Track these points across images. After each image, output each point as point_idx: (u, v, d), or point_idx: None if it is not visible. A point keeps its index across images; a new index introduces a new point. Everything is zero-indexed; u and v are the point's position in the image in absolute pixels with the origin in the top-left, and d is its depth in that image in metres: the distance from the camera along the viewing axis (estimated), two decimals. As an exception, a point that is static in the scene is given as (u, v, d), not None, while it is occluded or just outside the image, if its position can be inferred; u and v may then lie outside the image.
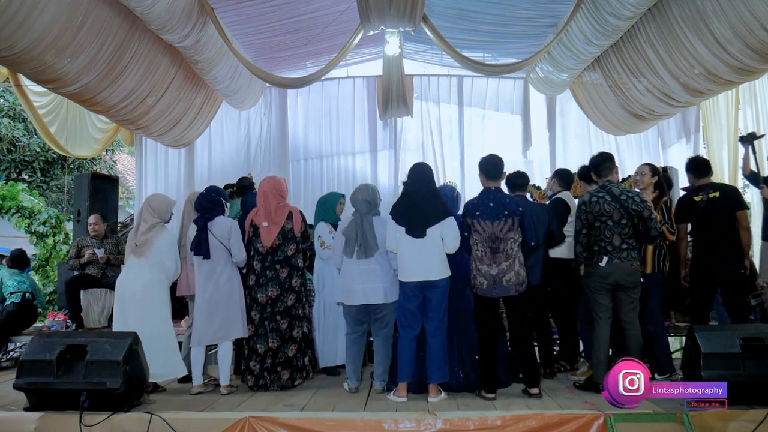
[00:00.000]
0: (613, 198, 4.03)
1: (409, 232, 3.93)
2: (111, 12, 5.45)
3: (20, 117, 12.44)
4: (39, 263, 8.13)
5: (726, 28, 5.38)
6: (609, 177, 4.18)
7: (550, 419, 3.37)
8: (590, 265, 4.10)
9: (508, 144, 8.95)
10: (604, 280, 4.02)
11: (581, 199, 4.20)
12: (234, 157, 9.14)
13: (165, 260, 4.17)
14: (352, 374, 4.25)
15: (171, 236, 4.28)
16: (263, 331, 4.29)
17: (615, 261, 3.99)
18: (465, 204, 4.14)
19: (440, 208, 4.00)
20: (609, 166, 4.20)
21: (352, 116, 9.26)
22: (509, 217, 3.93)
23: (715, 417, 3.34)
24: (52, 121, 7.02)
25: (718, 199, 4.33)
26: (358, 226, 4.15)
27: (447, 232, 3.95)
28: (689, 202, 4.46)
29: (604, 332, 4.03)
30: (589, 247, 4.09)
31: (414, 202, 4.00)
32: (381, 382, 4.16)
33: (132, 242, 4.21)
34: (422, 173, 4.14)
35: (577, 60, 7.28)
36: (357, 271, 4.13)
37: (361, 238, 4.11)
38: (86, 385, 3.47)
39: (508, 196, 4.14)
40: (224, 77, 7.34)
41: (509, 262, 3.92)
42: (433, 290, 3.92)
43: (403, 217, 3.99)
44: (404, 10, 6.12)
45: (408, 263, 3.96)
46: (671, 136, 8.92)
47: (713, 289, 4.43)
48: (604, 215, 4.02)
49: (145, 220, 4.22)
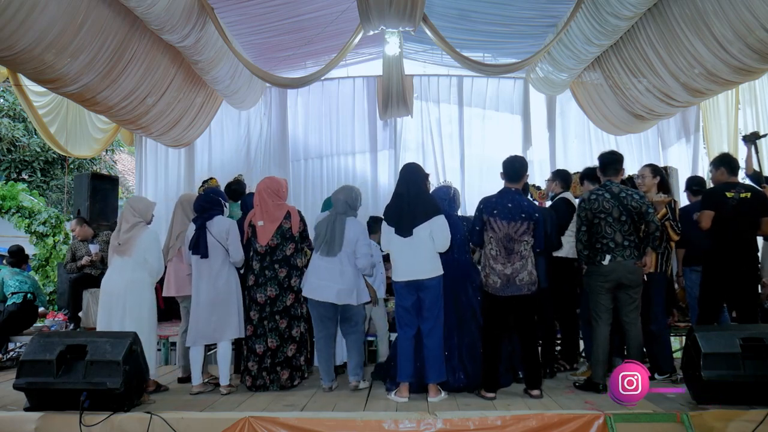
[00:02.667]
0: (612, 196, 4.03)
1: (398, 232, 4.00)
2: (111, 12, 5.45)
3: (20, 117, 12.44)
4: (39, 263, 8.13)
5: (726, 28, 5.38)
6: (612, 178, 4.18)
7: (550, 419, 3.37)
8: (592, 264, 4.08)
9: (508, 144, 8.93)
10: (606, 279, 4.01)
11: (581, 197, 4.21)
12: (234, 157, 9.14)
13: (148, 258, 4.15)
14: (324, 374, 4.28)
15: (153, 234, 4.27)
16: (262, 331, 4.28)
17: (618, 259, 3.98)
18: (483, 199, 4.14)
19: (429, 207, 4.03)
20: (617, 167, 4.19)
21: (352, 116, 9.27)
22: (525, 221, 3.96)
23: (715, 417, 3.34)
24: (52, 121, 7.02)
25: (748, 200, 4.23)
26: (330, 223, 4.22)
27: (436, 231, 3.97)
28: (721, 195, 4.29)
29: (604, 332, 4.02)
30: (591, 245, 4.08)
31: (403, 202, 4.05)
32: (355, 376, 4.23)
33: (114, 242, 4.21)
34: (411, 173, 4.19)
35: (577, 60, 7.28)
36: (319, 267, 4.20)
37: (329, 236, 4.17)
38: (86, 385, 3.47)
39: (526, 200, 4.16)
40: (224, 77, 7.34)
41: (523, 262, 3.94)
42: (426, 290, 3.95)
43: (393, 218, 4.05)
44: (404, 10, 6.12)
45: (398, 263, 4.02)
46: (671, 136, 8.93)
47: (728, 290, 4.29)
48: (603, 212, 4.02)
49: (126, 220, 4.22)
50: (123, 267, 4.11)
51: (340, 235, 4.16)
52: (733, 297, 4.32)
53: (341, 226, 4.20)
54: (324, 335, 4.31)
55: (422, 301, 3.96)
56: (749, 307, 4.24)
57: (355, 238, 4.20)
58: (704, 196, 4.49)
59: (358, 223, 4.32)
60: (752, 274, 4.25)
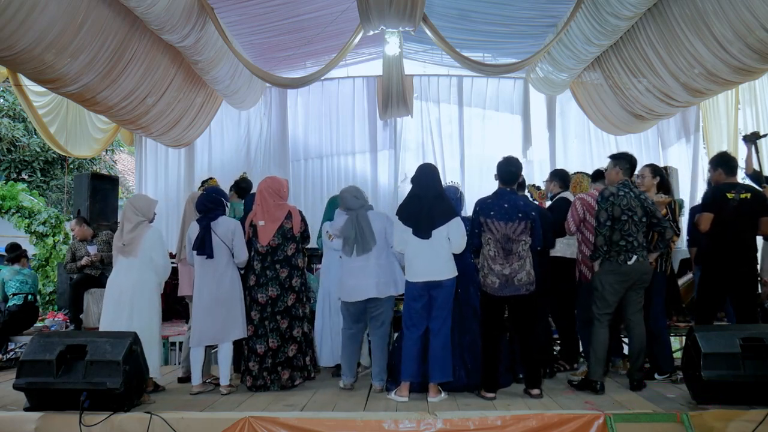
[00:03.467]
0: (635, 195, 4.04)
1: (416, 233, 3.96)
2: (111, 12, 5.45)
3: (20, 117, 12.43)
4: (39, 263, 8.13)
5: (726, 28, 5.38)
6: (628, 179, 4.19)
7: (550, 419, 3.36)
8: (612, 262, 3.99)
9: (508, 144, 8.95)
10: (626, 278, 3.98)
11: (608, 191, 4.05)
12: (234, 157, 9.15)
13: (154, 257, 4.15)
14: (347, 370, 4.26)
15: (157, 233, 4.26)
16: (263, 331, 4.28)
17: (640, 259, 3.97)
18: (478, 201, 4.13)
19: (447, 209, 4.02)
20: (630, 170, 4.21)
21: (352, 116, 9.27)
22: (523, 220, 3.95)
23: (715, 417, 3.34)
24: (52, 121, 7.02)
25: (748, 201, 4.20)
26: (355, 223, 4.19)
27: (454, 233, 3.97)
28: (722, 196, 4.24)
29: (605, 332, 4.01)
30: (613, 242, 3.99)
31: (421, 203, 4.03)
32: (380, 381, 4.17)
33: (118, 242, 4.18)
34: (429, 174, 4.16)
35: (577, 60, 7.28)
36: (354, 268, 4.17)
37: (359, 235, 4.15)
38: (86, 385, 3.46)
39: (522, 199, 4.15)
40: (224, 77, 7.35)
41: (521, 262, 3.94)
42: (439, 290, 3.94)
43: (411, 218, 4.01)
44: (404, 10, 6.13)
45: (415, 263, 3.99)
46: (671, 136, 8.93)
47: (727, 291, 4.30)
48: (630, 210, 3.98)
49: (128, 219, 4.20)
50: (129, 267, 4.10)
51: (369, 230, 4.15)
52: (733, 297, 4.33)
53: (366, 221, 4.18)
54: (352, 332, 4.30)
55: (434, 299, 3.95)
56: (749, 307, 4.24)
57: (383, 227, 4.20)
58: (705, 198, 4.45)
59: (377, 214, 4.32)
60: (752, 274, 4.25)
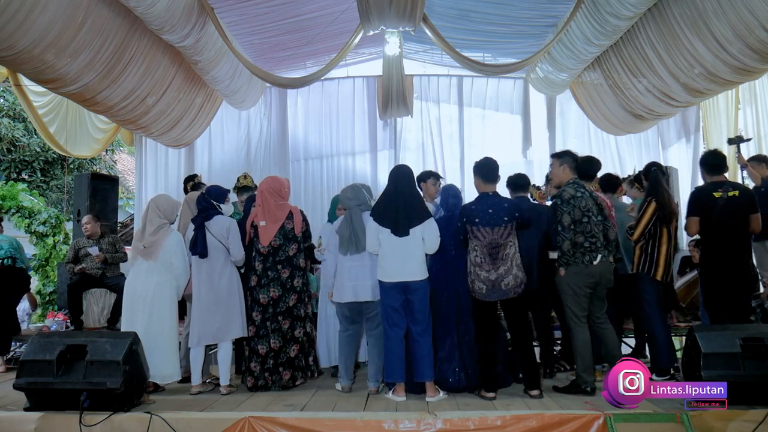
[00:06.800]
0: (590, 194, 4.04)
1: (395, 232, 3.97)
2: (111, 12, 5.44)
3: (20, 117, 12.42)
4: (39, 263, 8.13)
5: (726, 28, 5.38)
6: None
7: (550, 419, 3.37)
8: (579, 263, 3.95)
9: (508, 144, 8.97)
10: (592, 279, 3.96)
11: (567, 193, 3.99)
12: (234, 157, 9.13)
13: (174, 261, 4.18)
14: (344, 373, 4.26)
15: (178, 237, 4.28)
16: (264, 332, 4.28)
17: (604, 259, 3.97)
18: (463, 208, 4.15)
19: (423, 210, 4.08)
20: (576, 166, 4.21)
21: (352, 116, 9.26)
22: (509, 222, 3.96)
23: (715, 417, 3.34)
24: (52, 121, 7.02)
25: (737, 198, 4.12)
26: (349, 222, 4.21)
27: (428, 234, 4.00)
28: (708, 197, 4.17)
29: (587, 335, 3.98)
30: (577, 244, 3.95)
31: (398, 203, 4.04)
32: (374, 382, 4.17)
33: (139, 244, 4.20)
34: (404, 175, 4.19)
35: (577, 60, 7.28)
36: (349, 268, 4.18)
37: (353, 234, 4.16)
38: (86, 385, 3.47)
39: (506, 200, 4.13)
40: (224, 77, 7.34)
41: (507, 266, 3.93)
42: (414, 293, 3.95)
43: (387, 218, 4.02)
44: (404, 10, 6.13)
45: (388, 264, 3.99)
46: (671, 136, 8.93)
47: (726, 291, 4.20)
48: (589, 210, 3.97)
49: (151, 221, 4.21)
50: (149, 270, 4.13)
51: (362, 229, 4.15)
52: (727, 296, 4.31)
53: (359, 220, 4.19)
54: (348, 334, 4.30)
55: (411, 303, 3.96)
56: (743, 307, 4.22)
57: None
58: (690, 201, 4.33)
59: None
60: (747, 274, 4.19)
